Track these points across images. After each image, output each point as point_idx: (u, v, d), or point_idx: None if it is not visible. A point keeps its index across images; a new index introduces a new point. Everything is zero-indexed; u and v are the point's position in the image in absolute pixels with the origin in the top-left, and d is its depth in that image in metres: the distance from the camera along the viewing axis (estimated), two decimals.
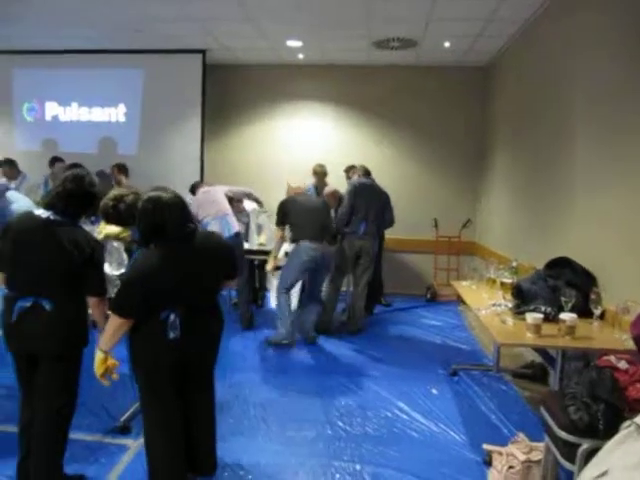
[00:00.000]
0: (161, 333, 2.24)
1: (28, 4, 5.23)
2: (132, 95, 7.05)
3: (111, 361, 2.29)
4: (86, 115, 7.19)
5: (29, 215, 2.46)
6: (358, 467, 2.81)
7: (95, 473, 2.64)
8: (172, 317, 2.25)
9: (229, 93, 7.30)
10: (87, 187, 2.47)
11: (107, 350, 2.27)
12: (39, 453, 2.40)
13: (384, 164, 6.87)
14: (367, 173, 5.53)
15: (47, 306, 2.30)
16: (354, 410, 3.51)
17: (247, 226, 5.84)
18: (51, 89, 7.19)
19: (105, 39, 6.46)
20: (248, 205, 5.81)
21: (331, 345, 4.90)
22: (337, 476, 2.72)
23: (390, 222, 5.57)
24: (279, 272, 5.01)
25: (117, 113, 7.12)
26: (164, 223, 2.26)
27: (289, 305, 4.85)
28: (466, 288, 4.15)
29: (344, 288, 5.63)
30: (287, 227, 4.93)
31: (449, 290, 5.94)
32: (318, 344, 4.92)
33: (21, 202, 3.97)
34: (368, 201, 5.23)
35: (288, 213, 4.88)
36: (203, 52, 6.72)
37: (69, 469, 2.55)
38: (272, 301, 5.84)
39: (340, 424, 3.31)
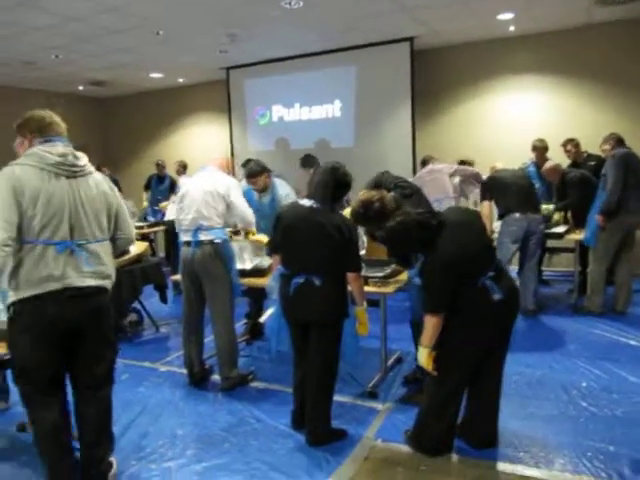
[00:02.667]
0: (485, 299, 2.45)
1: (272, 23, 5.97)
2: (346, 91, 7.55)
3: (432, 354, 2.54)
4: (307, 114, 7.92)
5: (296, 205, 2.89)
6: (612, 449, 2.71)
7: (354, 430, 2.99)
8: (488, 282, 2.46)
9: (437, 76, 7.34)
10: (342, 177, 2.82)
11: (430, 346, 2.52)
12: (311, 404, 2.83)
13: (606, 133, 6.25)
14: (621, 142, 4.93)
15: (317, 282, 2.69)
16: (598, 393, 3.36)
17: None
18: (276, 94, 8.07)
19: (321, 42, 7.04)
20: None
21: (561, 323, 4.71)
22: (588, 454, 2.67)
23: None
24: None
25: (333, 109, 7.69)
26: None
27: None
28: None
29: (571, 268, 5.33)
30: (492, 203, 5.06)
31: None
32: (540, 320, 4.79)
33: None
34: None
35: (490, 190, 5.01)
36: (411, 39, 6.89)
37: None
38: None
39: (584, 404, 3.21)
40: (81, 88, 9.48)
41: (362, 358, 3.68)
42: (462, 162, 5.86)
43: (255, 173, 4.18)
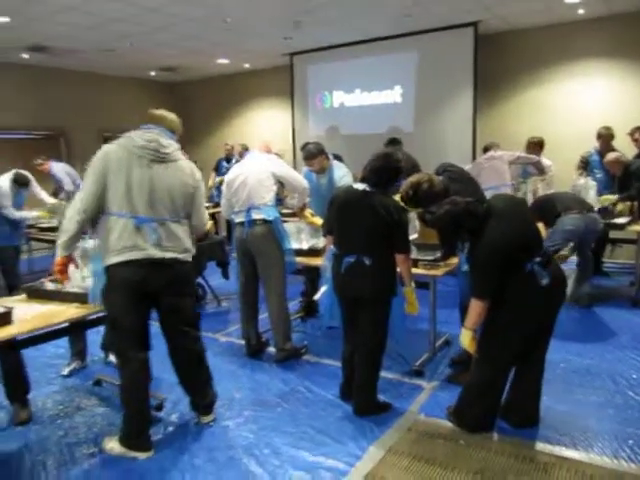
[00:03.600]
0: (532, 284, 2.54)
1: (336, 10, 6.09)
2: (407, 76, 7.59)
3: (475, 336, 2.66)
4: (367, 99, 8.01)
5: (350, 188, 3.06)
6: None
7: (399, 405, 3.15)
8: (536, 267, 2.55)
9: (500, 62, 7.24)
10: (394, 163, 2.95)
11: (473, 328, 2.64)
12: (360, 377, 3.01)
13: None
14: None
15: (367, 261, 2.85)
16: None
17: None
18: (338, 79, 8.21)
19: (384, 27, 7.09)
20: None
21: (618, 315, 4.64)
22: (630, 441, 2.71)
23: None
24: None
25: (394, 95, 7.75)
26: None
27: None
28: None
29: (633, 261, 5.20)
30: None
31: None
32: (596, 312, 4.74)
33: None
34: None
35: (539, 210, 4.55)
36: (474, 24, 6.82)
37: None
38: None
39: (631, 394, 3.22)
40: (153, 74, 9.96)
41: (411, 339, 3.83)
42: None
43: (312, 155, 4.32)
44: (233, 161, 8.23)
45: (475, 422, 2.81)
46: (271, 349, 3.99)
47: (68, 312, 2.80)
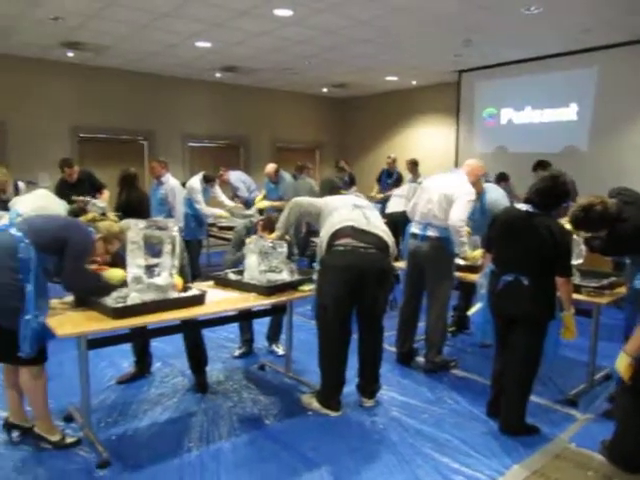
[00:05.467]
0: None
1: (508, 28, 6.08)
2: (584, 93, 7.19)
3: (632, 364, 2.53)
4: (537, 117, 7.74)
5: (512, 208, 3.10)
6: None
7: (547, 430, 3.09)
8: None
9: None
10: (561, 186, 2.92)
11: (633, 355, 2.53)
12: (509, 396, 3.02)
13: None
14: None
15: (525, 281, 2.87)
16: None
17: None
18: (507, 96, 8.05)
19: (560, 44, 6.84)
20: None
21: None
22: None
23: None
24: None
25: (568, 112, 7.39)
26: None
27: None
28: None
29: None
30: None
31: None
32: None
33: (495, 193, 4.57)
34: None
35: None
36: None
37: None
38: None
39: None
40: (325, 90, 10.63)
41: (565, 366, 3.70)
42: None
43: None
44: (395, 175, 8.51)
45: (629, 459, 2.66)
46: (420, 358, 4.11)
47: (247, 300, 3.23)
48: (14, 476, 2.59)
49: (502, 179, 6.80)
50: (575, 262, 3.59)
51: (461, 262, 4.12)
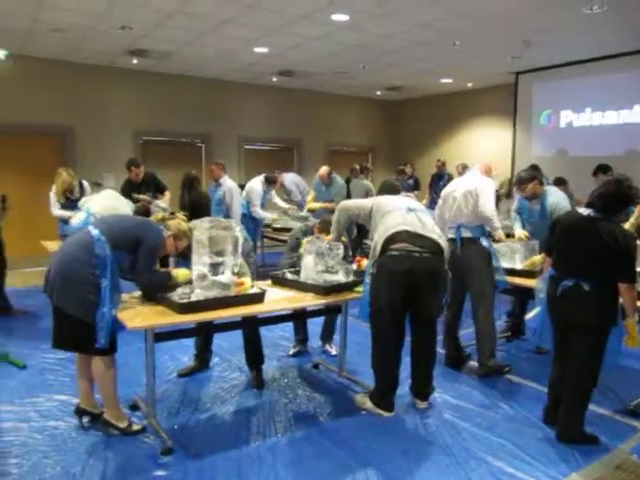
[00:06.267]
0: None
1: (570, 28, 5.96)
2: None
3: None
4: (598, 119, 7.50)
5: (574, 212, 3.05)
6: None
7: (607, 440, 3.01)
8: None
9: None
10: (625, 190, 2.86)
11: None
12: (567, 404, 2.98)
13: None
14: None
15: (586, 287, 2.82)
16: None
17: None
18: (566, 98, 7.85)
19: (624, 43, 6.61)
20: None
21: None
22: None
23: None
24: None
25: (633, 114, 7.15)
26: None
27: None
28: None
29: None
30: None
31: None
32: None
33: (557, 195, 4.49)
34: None
35: None
36: None
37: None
38: None
39: None
40: (378, 93, 10.66)
41: (626, 376, 3.59)
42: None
43: (524, 181, 4.26)
44: (445, 178, 8.45)
45: None
46: (473, 363, 4.09)
47: (304, 299, 3.33)
48: (85, 458, 2.77)
49: (560, 183, 6.60)
50: (639, 268, 3.50)
51: (517, 267, 4.07)
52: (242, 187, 6.50)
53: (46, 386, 3.62)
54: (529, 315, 3.39)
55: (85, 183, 5.69)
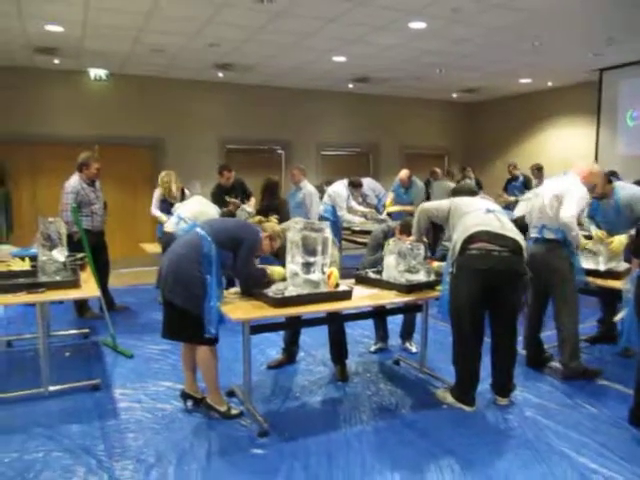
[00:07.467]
0: None
1: None
2: None
3: None
4: None
5: None
6: None
7: None
8: None
9: None
10: None
11: None
12: None
13: None
14: None
15: None
16: None
17: None
18: None
19: None
20: None
21: None
22: None
23: None
24: None
25: None
26: None
27: None
28: None
29: None
30: None
31: None
32: None
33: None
34: None
35: None
36: None
37: None
38: None
39: None
40: (454, 95, 10.63)
41: None
42: None
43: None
44: (520, 179, 8.35)
45: None
46: (555, 364, 4.09)
47: (387, 296, 3.51)
48: (191, 436, 3.09)
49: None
50: None
51: (601, 268, 4.04)
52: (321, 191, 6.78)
53: (152, 373, 4.02)
54: (617, 317, 3.36)
55: (187, 191, 6.16)
